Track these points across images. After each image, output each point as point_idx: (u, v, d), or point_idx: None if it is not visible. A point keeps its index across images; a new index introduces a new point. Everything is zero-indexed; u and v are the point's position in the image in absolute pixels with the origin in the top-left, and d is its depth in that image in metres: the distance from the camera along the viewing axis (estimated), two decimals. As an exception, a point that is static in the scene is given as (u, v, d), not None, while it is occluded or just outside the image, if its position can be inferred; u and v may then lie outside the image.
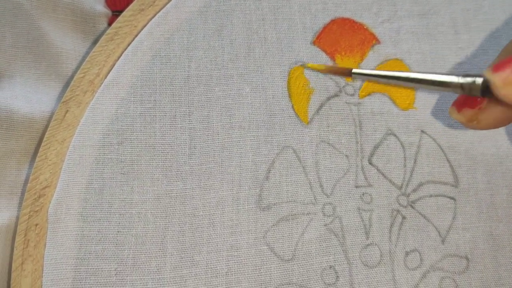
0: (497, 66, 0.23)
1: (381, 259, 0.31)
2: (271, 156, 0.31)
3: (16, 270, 0.28)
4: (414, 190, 0.32)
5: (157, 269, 0.29)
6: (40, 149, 0.30)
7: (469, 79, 0.25)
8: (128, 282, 0.28)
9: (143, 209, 0.29)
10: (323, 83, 0.33)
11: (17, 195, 0.30)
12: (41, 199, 0.29)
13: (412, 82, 0.27)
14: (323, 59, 0.33)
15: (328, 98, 0.33)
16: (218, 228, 0.30)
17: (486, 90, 0.24)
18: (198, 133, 0.31)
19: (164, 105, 0.31)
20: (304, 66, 0.32)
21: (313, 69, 0.32)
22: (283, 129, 0.32)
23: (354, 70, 0.29)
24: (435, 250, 0.31)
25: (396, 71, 0.29)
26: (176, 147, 0.30)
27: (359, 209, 0.31)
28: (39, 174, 0.29)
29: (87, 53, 0.33)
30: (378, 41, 0.34)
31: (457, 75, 0.25)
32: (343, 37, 0.34)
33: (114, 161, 0.30)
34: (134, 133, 0.30)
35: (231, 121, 0.31)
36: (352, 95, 0.33)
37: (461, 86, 0.25)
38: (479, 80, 0.25)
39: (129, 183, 0.30)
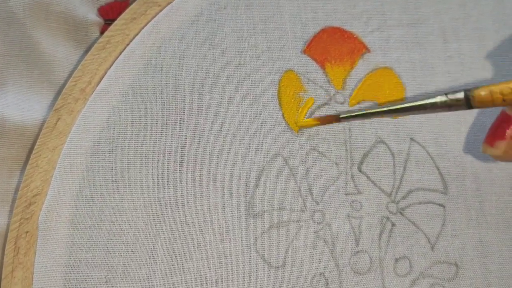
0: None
1: (370, 266, 0.31)
2: (262, 163, 0.31)
3: (6, 278, 0.28)
4: (404, 197, 0.32)
5: (148, 276, 0.29)
6: (31, 157, 0.30)
7: (452, 96, 0.26)
8: (118, 290, 0.28)
9: (134, 217, 0.29)
10: (313, 92, 0.33)
11: (8, 203, 0.30)
12: (31, 206, 0.29)
13: (399, 112, 0.28)
14: (313, 68, 0.33)
15: (318, 107, 0.33)
16: (209, 235, 0.30)
17: (468, 101, 0.25)
18: (189, 141, 0.31)
19: (155, 113, 0.31)
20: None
21: (304, 126, 0.32)
22: (274, 137, 0.32)
23: (341, 116, 0.31)
24: (424, 257, 0.32)
25: (381, 106, 0.31)
26: (167, 154, 0.31)
27: (349, 216, 0.31)
28: (30, 181, 0.29)
29: (79, 61, 0.33)
30: (368, 50, 0.35)
31: (441, 94, 0.26)
32: (333, 46, 0.34)
33: (105, 168, 0.30)
34: (125, 141, 0.30)
35: (222, 129, 0.32)
36: (342, 103, 0.33)
37: (446, 103, 0.26)
38: (461, 95, 0.25)
39: (120, 190, 0.30)
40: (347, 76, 0.34)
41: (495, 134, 0.26)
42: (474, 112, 0.35)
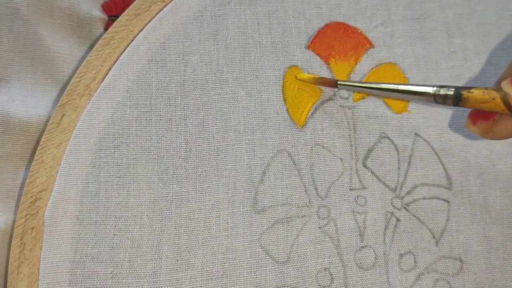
0: None
1: (375, 261, 0.31)
2: (266, 159, 0.31)
3: (12, 273, 0.28)
4: (408, 193, 0.32)
5: (153, 272, 0.29)
6: (37, 153, 0.30)
7: (442, 91, 0.26)
8: (124, 285, 0.28)
9: (139, 212, 0.30)
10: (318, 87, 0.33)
11: (14, 199, 0.30)
12: (37, 202, 0.29)
13: (390, 92, 0.28)
14: (318, 63, 0.33)
15: (323, 102, 0.33)
16: (214, 231, 0.30)
17: (457, 101, 0.25)
18: (194, 137, 0.31)
19: (160, 109, 0.31)
20: (296, 69, 0.33)
21: (302, 80, 0.33)
22: (278, 132, 0.32)
23: (339, 82, 0.31)
24: (429, 252, 0.32)
25: (376, 82, 0.31)
26: (172, 150, 0.31)
27: (353, 212, 0.31)
28: (36, 177, 0.29)
29: (84, 57, 0.33)
30: (372, 45, 0.35)
31: (432, 86, 0.26)
32: (337, 41, 0.34)
33: (110, 164, 0.30)
34: (130, 137, 0.31)
35: (227, 124, 0.32)
36: (347, 98, 0.33)
37: (433, 96, 0.26)
38: (451, 92, 0.25)
39: (125, 186, 0.30)
40: (351, 72, 0.34)
41: (478, 113, 0.27)
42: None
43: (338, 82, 0.31)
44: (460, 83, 0.35)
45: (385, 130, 0.33)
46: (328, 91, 0.33)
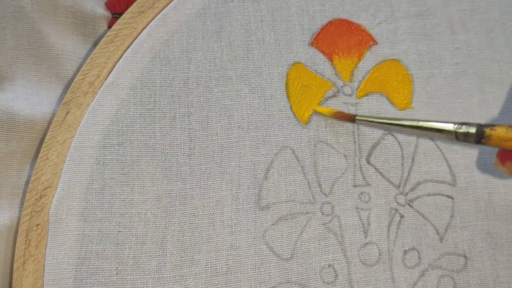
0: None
1: (379, 257, 0.31)
2: (270, 156, 0.31)
3: (17, 270, 0.28)
4: (412, 189, 0.32)
5: (158, 268, 0.29)
6: (41, 150, 0.30)
7: (463, 128, 0.25)
8: (128, 282, 0.28)
9: (143, 209, 0.30)
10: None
11: (19, 196, 0.30)
12: (42, 199, 0.29)
13: (410, 128, 0.27)
14: (321, 60, 0.33)
15: (326, 99, 0.33)
16: (218, 227, 0.30)
17: (480, 139, 0.24)
18: (198, 134, 0.31)
19: (163, 106, 0.31)
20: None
21: (319, 113, 0.32)
22: (282, 129, 0.32)
23: (357, 117, 0.30)
24: (433, 249, 0.32)
25: (396, 118, 0.30)
26: (176, 147, 0.31)
27: (357, 208, 0.31)
28: (40, 174, 0.29)
29: (87, 55, 0.33)
30: (375, 42, 0.35)
31: (453, 123, 0.25)
32: (340, 38, 0.34)
33: (114, 161, 0.30)
34: (134, 134, 0.31)
35: (230, 121, 0.32)
36: (350, 95, 0.33)
37: (454, 134, 0.25)
38: (473, 130, 0.25)
39: (129, 183, 0.30)
40: (354, 68, 0.34)
41: (506, 154, 0.26)
42: (482, 103, 0.34)
43: (357, 118, 0.30)
44: (464, 80, 0.35)
45: (388, 126, 0.33)
46: (332, 87, 0.33)
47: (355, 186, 0.32)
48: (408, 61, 0.35)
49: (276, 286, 0.30)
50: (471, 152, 0.33)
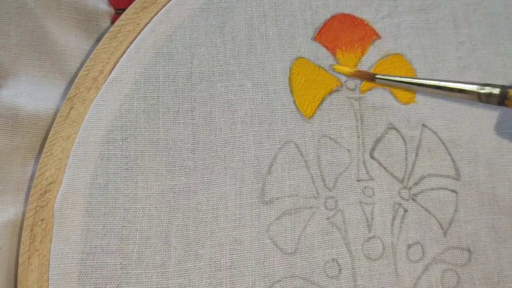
0: None
1: (383, 252, 0.31)
2: (273, 150, 0.31)
3: (22, 265, 0.28)
4: (416, 184, 0.32)
5: (162, 263, 0.29)
6: (46, 146, 0.30)
7: (486, 89, 0.25)
8: (133, 276, 0.29)
9: (148, 204, 0.30)
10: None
11: (23, 191, 0.30)
12: (47, 194, 0.29)
13: (432, 88, 0.27)
14: (324, 55, 0.33)
15: (330, 93, 0.33)
16: (222, 222, 0.30)
17: (503, 101, 0.24)
18: (201, 129, 0.31)
19: (167, 101, 0.31)
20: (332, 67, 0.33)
21: (338, 71, 0.32)
22: (285, 124, 0.32)
23: (377, 76, 0.30)
24: (437, 243, 0.32)
25: (418, 78, 0.30)
26: (180, 142, 0.31)
27: (361, 203, 0.31)
28: (45, 170, 0.30)
29: (91, 50, 0.33)
30: (378, 36, 0.34)
31: (476, 84, 0.26)
32: (343, 33, 0.34)
33: (118, 156, 0.30)
34: (138, 129, 0.31)
35: (234, 116, 0.32)
36: (354, 89, 0.33)
37: (478, 95, 0.25)
38: (496, 91, 0.25)
39: (133, 178, 0.30)
40: (358, 63, 0.34)
41: None
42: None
43: (377, 76, 0.30)
44: (468, 74, 0.34)
45: (392, 121, 0.33)
46: (335, 81, 0.33)
47: (358, 180, 0.32)
48: (412, 56, 0.34)
49: (280, 281, 0.30)
50: (475, 147, 0.33)
